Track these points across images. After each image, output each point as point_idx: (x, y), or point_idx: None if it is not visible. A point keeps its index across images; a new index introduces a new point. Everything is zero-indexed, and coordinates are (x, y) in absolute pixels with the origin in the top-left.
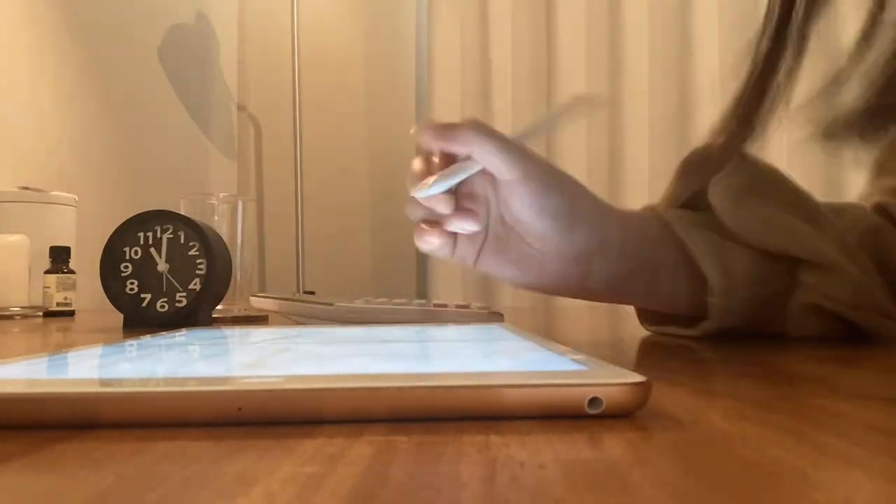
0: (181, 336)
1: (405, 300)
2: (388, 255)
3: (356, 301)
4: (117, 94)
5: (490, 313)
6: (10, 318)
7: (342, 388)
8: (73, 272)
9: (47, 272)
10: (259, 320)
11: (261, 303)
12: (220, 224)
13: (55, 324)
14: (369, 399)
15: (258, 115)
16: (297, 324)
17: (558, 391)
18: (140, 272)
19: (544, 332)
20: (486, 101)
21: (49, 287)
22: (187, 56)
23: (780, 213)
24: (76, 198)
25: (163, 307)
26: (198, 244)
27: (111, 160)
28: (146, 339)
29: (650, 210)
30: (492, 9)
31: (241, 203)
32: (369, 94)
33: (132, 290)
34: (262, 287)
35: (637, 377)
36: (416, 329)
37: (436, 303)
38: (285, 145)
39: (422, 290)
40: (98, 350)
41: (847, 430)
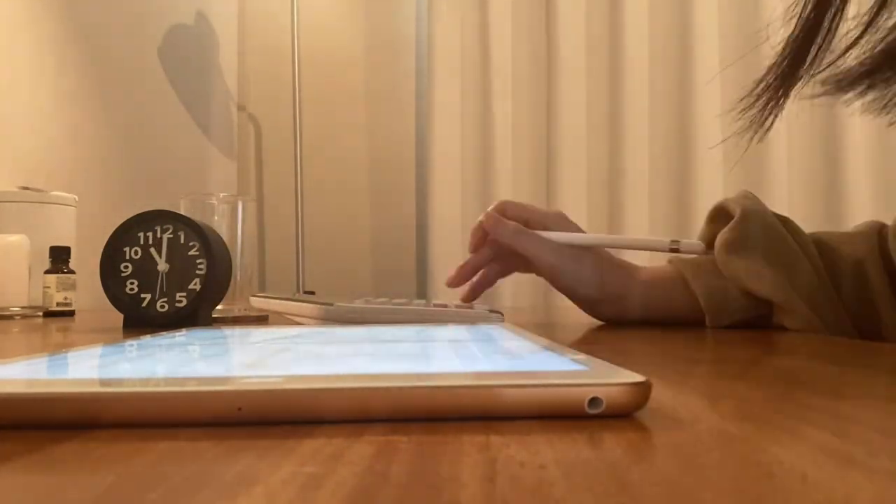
0: (181, 336)
1: (405, 300)
2: (388, 255)
3: (356, 301)
4: (117, 94)
5: (490, 313)
6: (10, 318)
7: (342, 388)
8: (73, 272)
9: (47, 272)
10: (259, 320)
11: (261, 303)
12: (220, 224)
13: (55, 324)
14: (369, 399)
15: (258, 115)
16: (297, 324)
17: (558, 391)
18: (140, 272)
19: (544, 332)
20: (486, 101)
21: (49, 287)
22: (187, 56)
23: (756, 263)
24: (76, 198)
25: (163, 307)
26: (198, 244)
27: (111, 160)
28: (146, 339)
29: (671, 263)
30: (492, 9)
31: (241, 203)
32: (369, 93)
33: (132, 290)
34: (262, 287)
35: (637, 377)
36: (416, 329)
37: (436, 303)
38: (285, 145)
39: (422, 290)
40: (98, 350)
41: (847, 430)
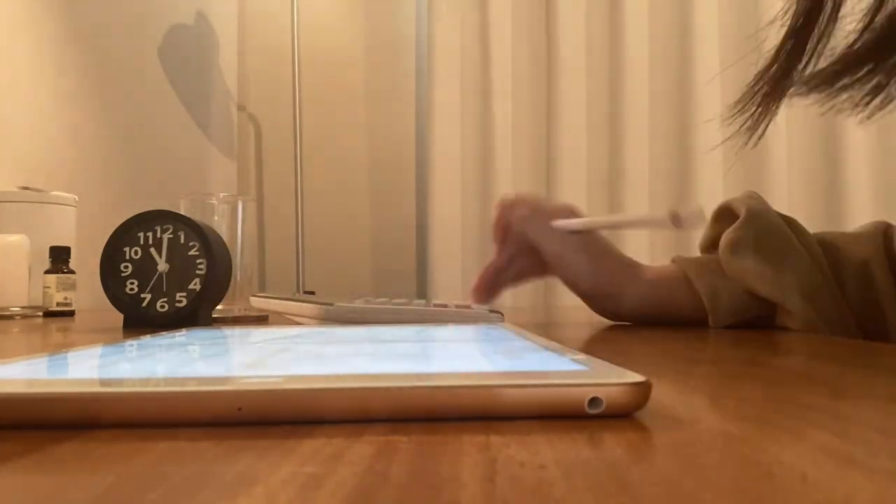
0: (181, 336)
1: (405, 300)
2: (388, 255)
3: (356, 301)
4: (117, 94)
5: (490, 313)
6: (10, 318)
7: (342, 388)
8: (73, 272)
9: (47, 272)
10: (259, 320)
11: (261, 303)
12: (220, 224)
13: (55, 324)
14: (369, 399)
15: (258, 115)
16: (297, 324)
17: (558, 391)
18: (140, 272)
19: (544, 332)
20: (486, 101)
21: (49, 287)
22: (187, 56)
23: (760, 263)
24: (76, 198)
25: (163, 307)
26: (198, 244)
27: (111, 160)
28: (146, 339)
29: (675, 261)
30: (492, 9)
31: (241, 203)
32: (369, 93)
33: (132, 290)
34: (262, 287)
35: (637, 377)
36: (416, 329)
37: (436, 303)
38: (285, 145)
39: (422, 290)
40: (98, 350)
41: (847, 430)
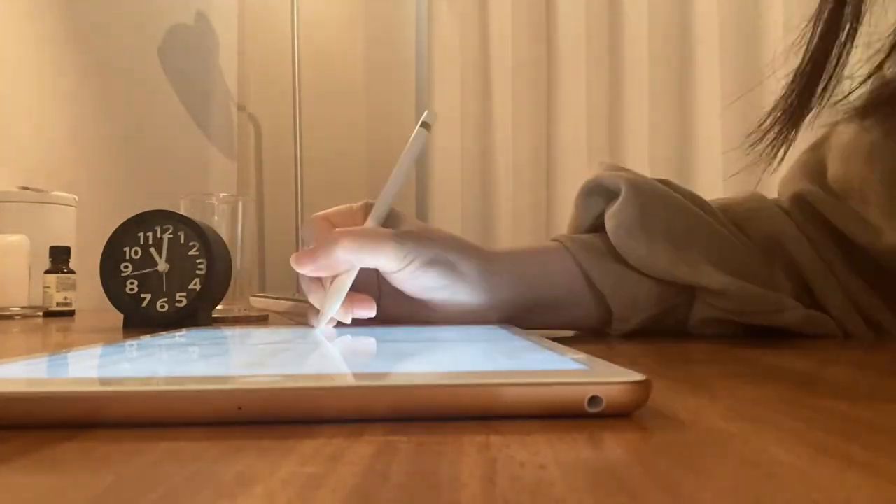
0: (181, 336)
1: None
2: None
3: None
4: (117, 94)
5: None
6: (10, 318)
7: (342, 388)
8: (73, 272)
9: (47, 272)
10: (259, 320)
11: (261, 303)
12: (220, 224)
13: (55, 324)
14: (369, 399)
15: (258, 115)
16: (297, 324)
17: (558, 390)
18: (140, 272)
19: (544, 332)
20: (486, 101)
21: (49, 287)
22: (187, 56)
23: (665, 245)
24: (76, 198)
25: (163, 307)
26: (198, 244)
27: (111, 160)
28: (146, 339)
29: (556, 241)
30: (492, 9)
31: (241, 203)
32: (369, 93)
33: (132, 290)
34: (262, 287)
35: (637, 376)
36: (417, 329)
37: None
38: (285, 145)
39: None
40: (98, 350)
41: (847, 430)
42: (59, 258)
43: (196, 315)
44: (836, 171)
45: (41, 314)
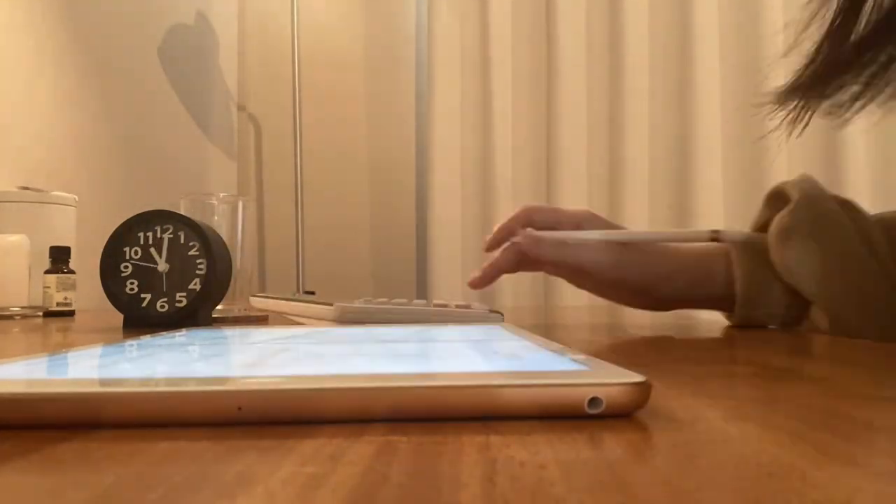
0: (181, 336)
1: (405, 300)
2: (388, 255)
3: (356, 301)
4: (117, 94)
5: (490, 313)
6: (10, 318)
7: (342, 388)
8: (73, 272)
9: (47, 272)
10: (259, 320)
11: (261, 303)
12: (220, 224)
13: (55, 324)
14: (369, 399)
15: (258, 115)
16: (297, 324)
17: (558, 391)
18: (140, 272)
19: (544, 332)
20: (486, 101)
21: (49, 287)
22: (187, 56)
23: (810, 256)
24: (76, 198)
25: (163, 307)
26: (198, 244)
27: (111, 160)
28: (146, 339)
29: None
30: (492, 9)
31: (241, 203)
32: (369, 93)
33: (132, 290)
34: (262, 287)
35: (637, 377)
36: (416, 329)
37: (436, 303)
38: (285, 145)
39: (422, 290)
40: (98, 350)
41: (847, 430)
42: (59, 258)
43: (196, 315)
44: None
45: (41, 314)
